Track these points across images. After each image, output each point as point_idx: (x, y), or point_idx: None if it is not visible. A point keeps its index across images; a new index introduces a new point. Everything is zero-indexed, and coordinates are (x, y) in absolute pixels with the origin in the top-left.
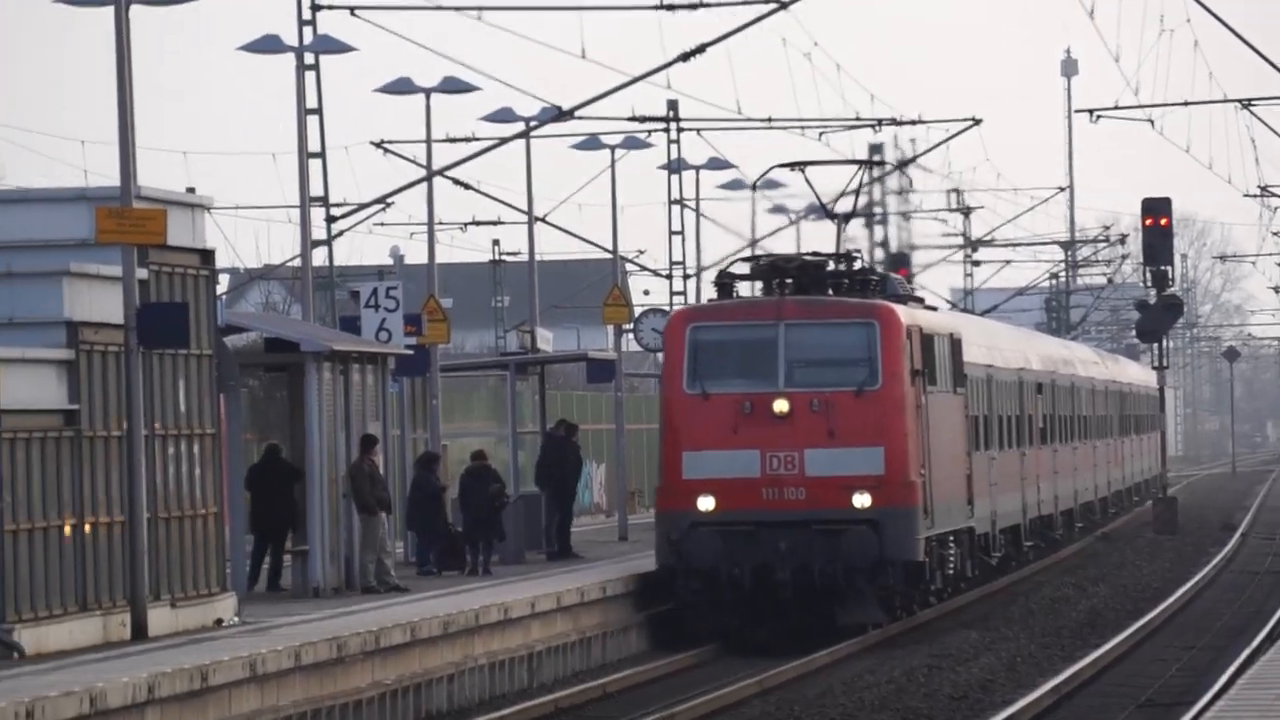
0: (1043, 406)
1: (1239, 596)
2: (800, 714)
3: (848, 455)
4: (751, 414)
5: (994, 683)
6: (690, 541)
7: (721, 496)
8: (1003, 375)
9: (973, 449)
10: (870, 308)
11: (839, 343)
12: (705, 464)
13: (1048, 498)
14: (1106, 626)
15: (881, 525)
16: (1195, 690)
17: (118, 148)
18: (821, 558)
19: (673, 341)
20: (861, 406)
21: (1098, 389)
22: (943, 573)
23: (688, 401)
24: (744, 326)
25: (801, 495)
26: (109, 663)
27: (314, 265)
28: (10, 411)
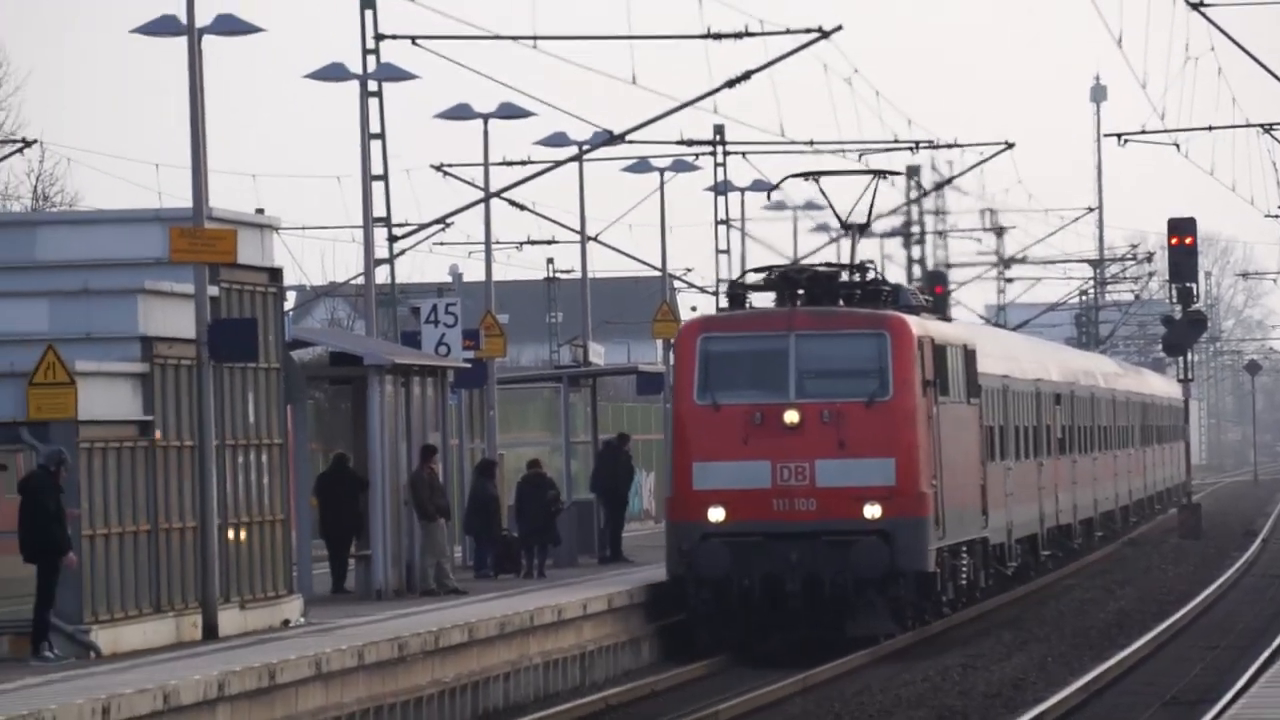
0: (1061, 417)
1: (1260, 599)
2: (840, 711)
3: (858, 466)
4: (762, 424)
5: (1026, 681)
6: (700, 552)
7: (732, 507)
8: (1019, 386)
9: (987, 459)
10: (881, 318)
11: (850, 353)
12: (715, 475)
13: (1066, 507)
14: (1134, 627)
15: (892, 536)
16: (1218, 689)
17: (190, 171)
18: (832, 569)
19: (684, 352)
20: (872, 417)
21: (1119, 400)
22: (955, 583)
23: (698, 412)
24: (755, 337)
25: (812, 506)
26: (181, 662)
27: (376, 283)
28: (87, 422)
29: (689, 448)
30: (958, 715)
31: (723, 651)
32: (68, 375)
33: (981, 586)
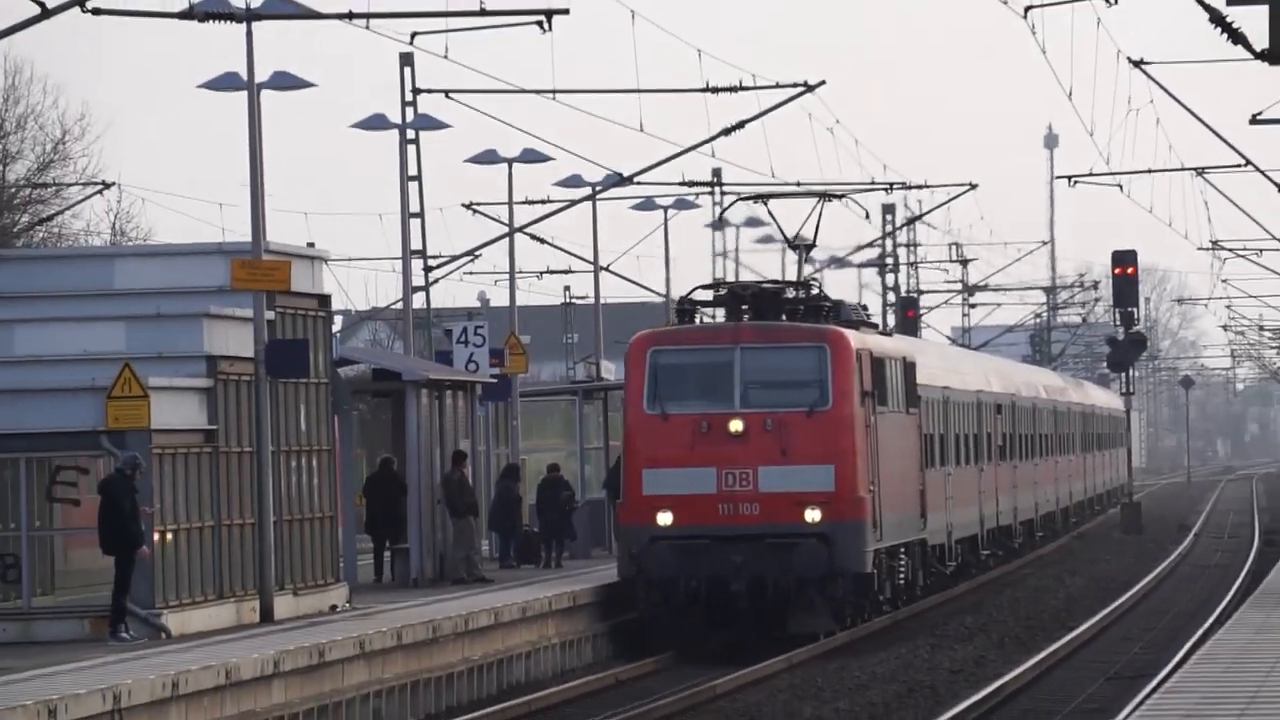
0: (1002, 426)
1: (1193, 586)
2: (821, 684)
3: (799, 472)
4: (708, 433)
5: (986, 659)
6: (649, 555)
7: (679, 512)
8: (960, 397)
9: (926, 465)
10: (821, 332)
11: (791, 365)
12: (664, 481)
13: (1006, 510)
14: (1081, 612)
15: (831, 539)
16: (1156, 665)
17: (249, 209)
18: (774, 570)
19: (634, 364)
20: (812, 426)
21: (1060, 410)
22: (892, 583)
23: (648, 421)
24: (702, 350)
25: (755, 510)
26: (241, 642)
27: (414, 307)
28: (159, 431)
29: (639, 455)
30: (926, 688)
31: (672, 649)
32: (142, 390)
33: (922, 585)
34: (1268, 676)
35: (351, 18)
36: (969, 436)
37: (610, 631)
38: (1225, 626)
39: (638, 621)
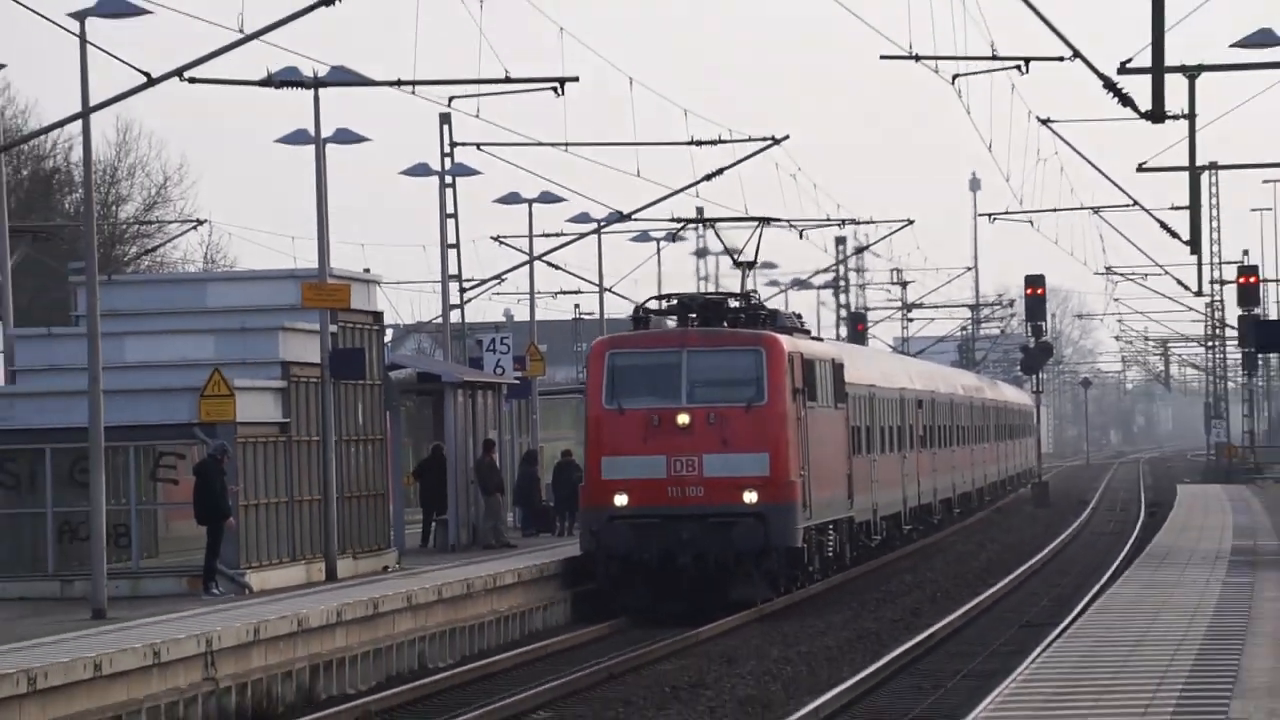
0: (923, 418)
1: (1092, 549)
2: (787, 632)
3: (738, 460)
4: (659, 426)
5: (921, 610)
6: (607, 532)
7: (634, 494)
8: (885, 394)
9: (853, 453)
10: (758, 337)
11: (731, 366)
12: (620, 467)
13: (927, 490)
14: (999, 571)
15: (766, 518)
16: (1061, 614)
17: (316, 241)
18: (716, 545)
19: (594, 366)
20: (750, 419)
21: (976, 405)
22: (821, 556)
23: (606, 415)
24: (653, 353)
25: (700, 493)
26: (310, 596)
27: (451, 322)
28: (243, 424)
29: (599, 445)
30: (872, 635)
31: (628, 614)
32: (229, 390)
33: (850, 556)
34: (1151, 624)
35: (400, 84)
36: (893, 428)
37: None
38: (1117, 583)
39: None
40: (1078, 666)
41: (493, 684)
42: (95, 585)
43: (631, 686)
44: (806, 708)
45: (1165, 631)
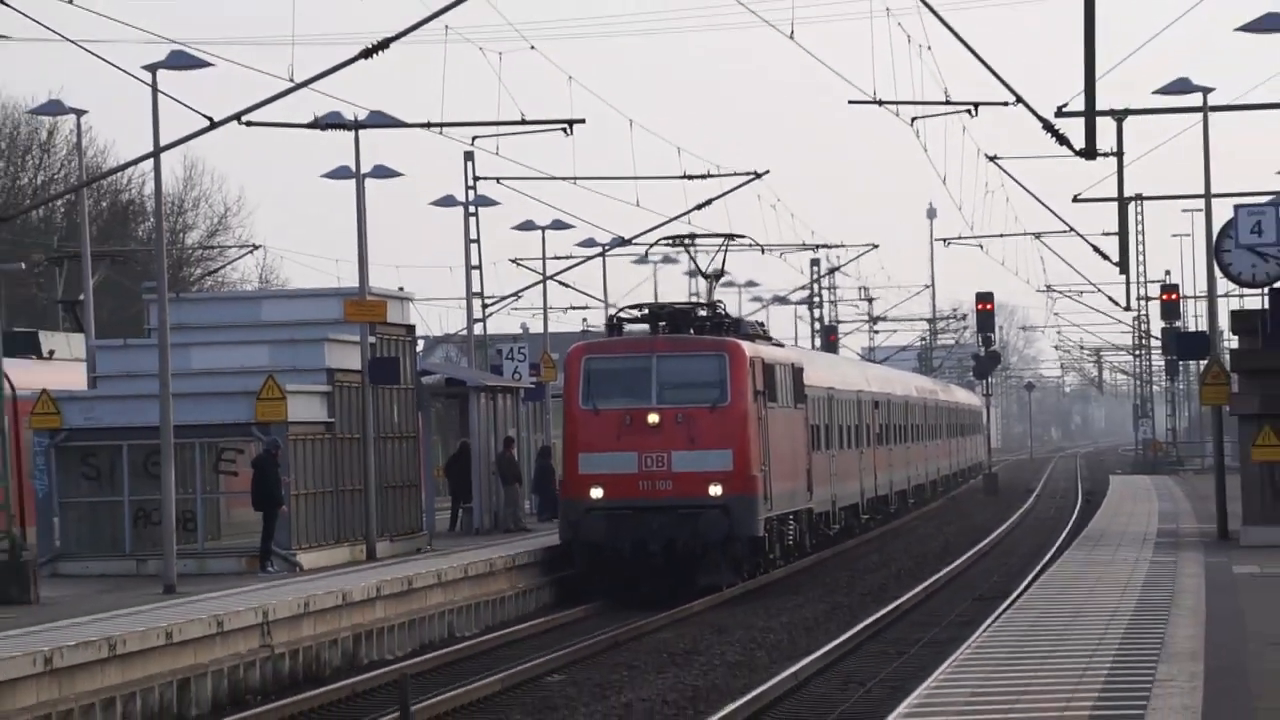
0: (880, 418)
1: (1037, 532)
2: (770, 604)
3: (704, 456)
4: (631, 425)
5: (888, 585)
6: (584, 523)
7: (608, 487)
8: (843, 395)
9: (813, 449)
10: (721, 343)
11: (697, 370)
12: (596, 462)
13: (884, 483)
14: (956, 551)
15: (730, 509)
16: (1010, 588)
17: (357, 263)
18: (684, 534)
19: (572, 369)
20: (714, 419)
21: (929, 405)
22: (782, 544)
23: (583, 415)
24: (626, 358)
25: (669, 486)
26: (353, 574)
27: (474, 334)
28: (293, 423)
29: (576, 442)
30: (845, 608)
31: (605, 599)
32: (280, 393)
33: (810, 544)
34: (1088, 597)
35: (429, 126)
36: (851, 426)
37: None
38: (1058, 562)
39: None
40: (1024, 634)
41: (513, 650)
42: (166, 564)
43: (634, 653)
44: (786, 671)
45: (1100, 604)
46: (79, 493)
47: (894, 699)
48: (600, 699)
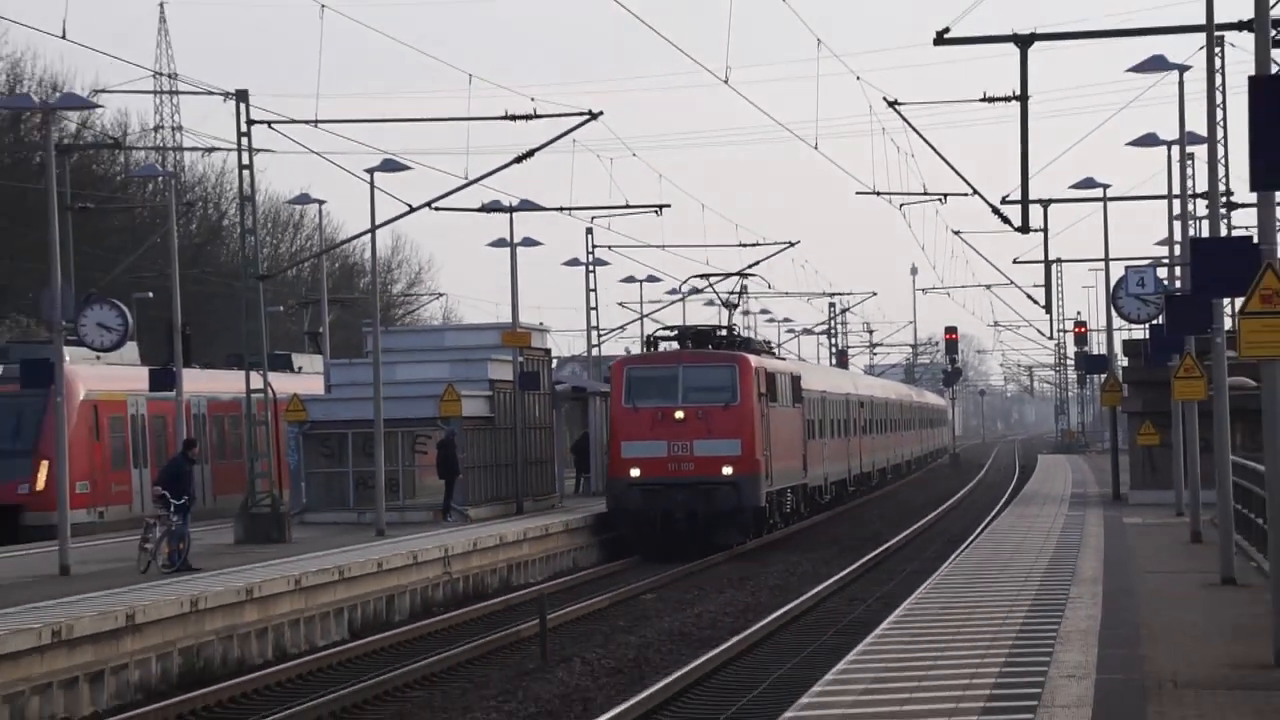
0: (865, 414)
1: (988, 495)
2: (789, 552)
3: (719, 444)
4: (662, 419)
5: (882, 531)
6: (625, 496)
7: (644, 468)
8: (834, 397)
9: (808, 438)
10: (733, 356)
11: (714, 377)
12: (635, 449)
13: (868, 463)
14: (929, 508)
15: (739, 486)
16: (970, 532)
17: (510, 306)
18: (703, 505)
19: (616, 376)
20: (727, 415)
21: (906, 404)
22: (780, 512)
23: (625, 412)
24: (659, 367)
25: (691, 467)
26: (507, 524)
27: (592, 355)
28: (467, 417)
29: (620, 433)
30: (851, 549)
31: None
32: (457, 396)
33: (805, 511)
34: (1023, 539)
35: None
36: (841, 420)
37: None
38: (1003, 514)
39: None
40: (980, 563)
41: (620, 577)
42: (378, 516)
43: (701, 579)
44: (811, 590)
45: (1032, 544)
46: (318, 465)
47: (888, 609)
48: (681, 610)
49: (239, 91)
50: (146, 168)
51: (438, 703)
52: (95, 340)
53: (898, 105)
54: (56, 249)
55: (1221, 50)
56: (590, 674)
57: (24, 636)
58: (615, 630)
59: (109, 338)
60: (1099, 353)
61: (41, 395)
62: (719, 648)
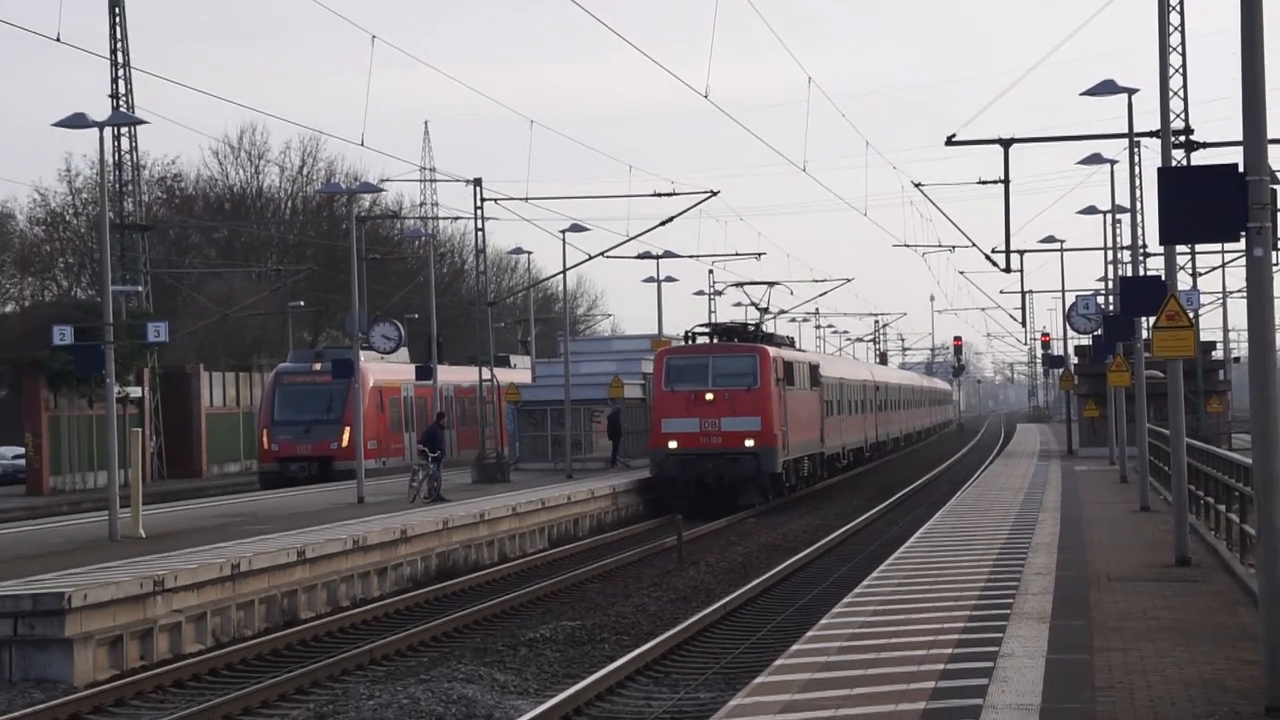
0: (879, 395)
1: (981, 451)
2: (807, 504)
3: (743, 420)
4: (695, 400)
5: (894, 483)
6: (665, 464)
7: (680, 441)
8: (851, 382)
9: (827, 415)
10: (754, 348)
11: (738, 365)
12: (673, 425)
13: (883, 435)
14: (939, 461)
15: (759, 456)
16: (969, 478)
17: (656, 322)
18: (729, 472)
19: (658, 365)
20: (749, 396)
21: (916, 388)
22: (798, 476)
23: (665, 394)
24: (693, 356)
25: (719, 441)
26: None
27: None
28: (628, 398)
29: (660, 411)
30: (883, 490)
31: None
32: (620, 385)
33: (825, 475)
34: (1005, 481)
35: (695, 257)
36: (858, 400)
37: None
38: (992, 465)
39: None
40: (975, 501)
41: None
42: (568, 464)
43: (789, 509)
44: (861, 517)
45: (1012, 485)
46: (527, 430)
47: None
48: (773, 529)
49: (475, 179)
50: (413, 231)
51: (609, 590)
52: (380, 347)
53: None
54: (355, 286)
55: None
56: (711, 572)
57: (336, 544)
58: (728, 543)
59: (389, 345)
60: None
61: (345, 383)
62: (797, 555)
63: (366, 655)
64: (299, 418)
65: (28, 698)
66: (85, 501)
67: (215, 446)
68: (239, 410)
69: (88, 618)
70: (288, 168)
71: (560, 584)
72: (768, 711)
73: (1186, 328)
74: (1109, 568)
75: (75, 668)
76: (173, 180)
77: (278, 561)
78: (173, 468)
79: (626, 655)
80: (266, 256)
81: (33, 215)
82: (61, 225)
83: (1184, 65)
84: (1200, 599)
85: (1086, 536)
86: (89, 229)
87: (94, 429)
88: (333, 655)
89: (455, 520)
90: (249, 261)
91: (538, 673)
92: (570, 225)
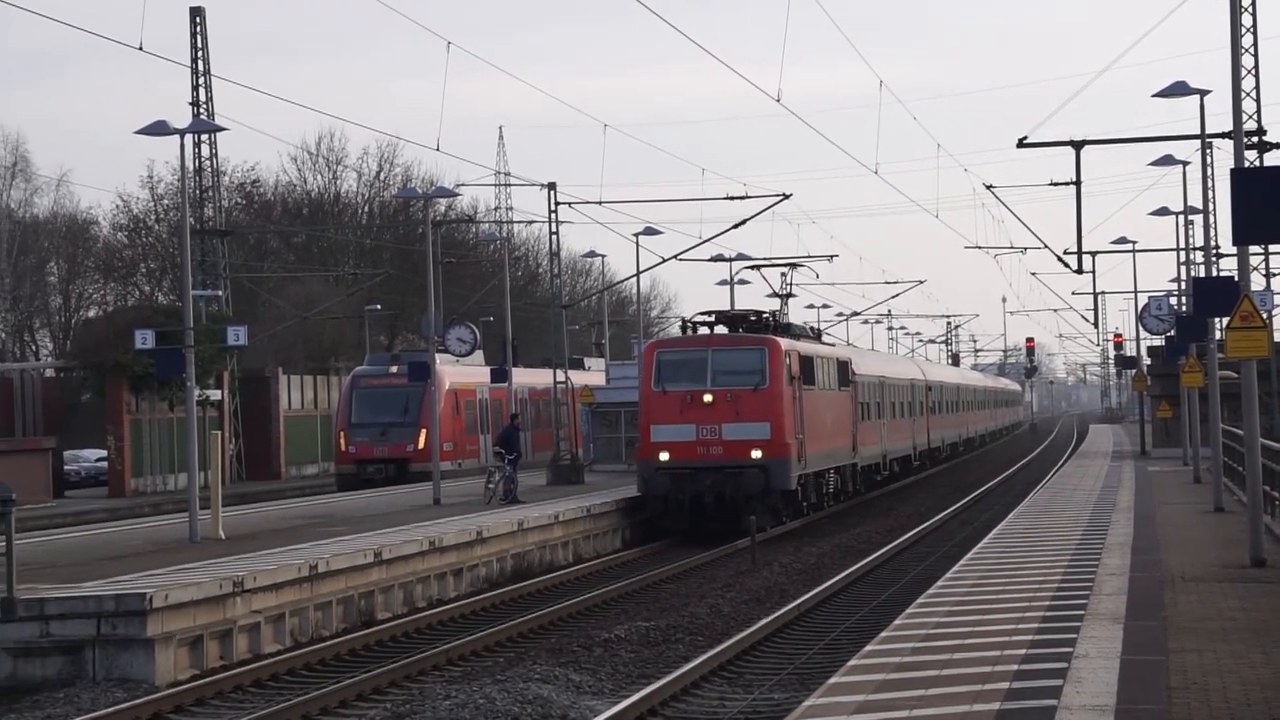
0: (931, 396)
1: (1055, 452)
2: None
3: (748, 427)
4: (691, 402)
5: (983, 478)
6: (654, 480)
7: (673, 451)
8: (895, 381)
9: (861, 420)
10: (762, 339)
11: (743, 360)
12: (664, 432)
13: (936, 439)
14: (1010, 463)
15: (768, 469)
16: (1043, 478)
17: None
18: (731, 488)
19: (646, 360)
20: (756, 398)
21: (977, 388)
22: (818, 493)
23: (655, 395)
24: (688, 350)
25: (720, 451)
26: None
27: None
28: None
29: (649, 416)
30: (955, 491)
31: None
32: None
33: (854, 490)
34: (1080, 481)
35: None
36: (904, 403)
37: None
38: (1067, 465)
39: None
40: (1050, 500)
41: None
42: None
43: (863, 509)
44: (936, 517)
45: (1087, 485)
46: (601, 432)
47: (988, 529)
48: (846, 530)
49: (550, 183)
50: (489, 235)
51: (683, 591)
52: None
53: (992, 188)
54: (431, 290)
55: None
56: (785, 573)
57: (412, 545)
58: (801, 544)
59: (464, 348)
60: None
61: (421, 386)
62: (870, 556)
63: (443, 656)
64: (376, 420)
65: (110, 696)
66: (166, 503)
67: (293, 449)
68: (316, 413)
69: (169, 618)
70: (365, 173)
71: (635, 585)
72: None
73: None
74: (1183, 568)
75: (157, 667)
76: (252, 186)
77: (355, 563)
78: (251, 470)
79: (701, 656)
80: (344, 260)
81: (116, 221)
82: (144, 231)
83: (1256, 66)
84: (1276, 600)
85: (1160, 537)
86: (170, 234)
87: (174, 432)
88: (409, 655)
89: (530, 521)
90: (327, 265)
91: (612, 673)
92: (644, 228)
